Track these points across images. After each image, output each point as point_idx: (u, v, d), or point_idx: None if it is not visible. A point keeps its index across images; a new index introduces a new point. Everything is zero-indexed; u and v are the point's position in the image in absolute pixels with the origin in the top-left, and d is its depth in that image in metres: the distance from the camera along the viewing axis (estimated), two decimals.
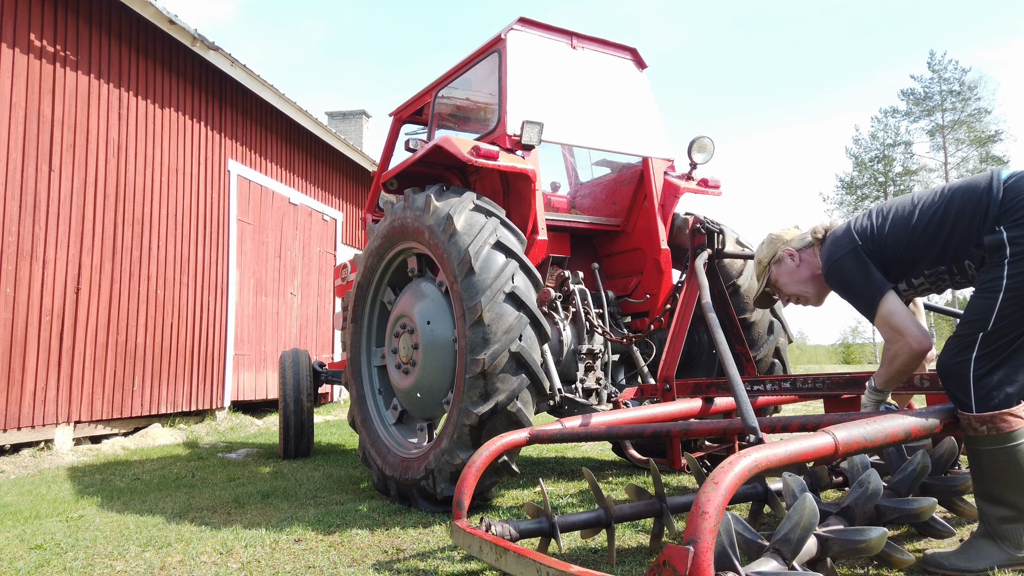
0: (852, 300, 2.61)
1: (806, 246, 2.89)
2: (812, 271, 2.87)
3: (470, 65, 4.68)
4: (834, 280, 2.66)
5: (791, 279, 2.93)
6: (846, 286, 2.60)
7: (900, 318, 2.46)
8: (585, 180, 5.51)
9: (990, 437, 2.22)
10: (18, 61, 6.52)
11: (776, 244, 2.97)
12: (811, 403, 7.48)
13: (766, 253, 3.00)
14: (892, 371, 2.54)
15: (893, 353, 2.51)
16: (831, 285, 2.72)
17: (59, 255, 6.84)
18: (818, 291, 2.90)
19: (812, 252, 2.87)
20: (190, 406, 8.63)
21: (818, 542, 2.03)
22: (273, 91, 9.99)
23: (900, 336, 2.46)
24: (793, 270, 2.91)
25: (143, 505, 4.19)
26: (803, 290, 2.92)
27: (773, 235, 3.03)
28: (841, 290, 2.65)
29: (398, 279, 4.39)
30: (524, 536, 2.50)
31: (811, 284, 2.89)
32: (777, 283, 2.98)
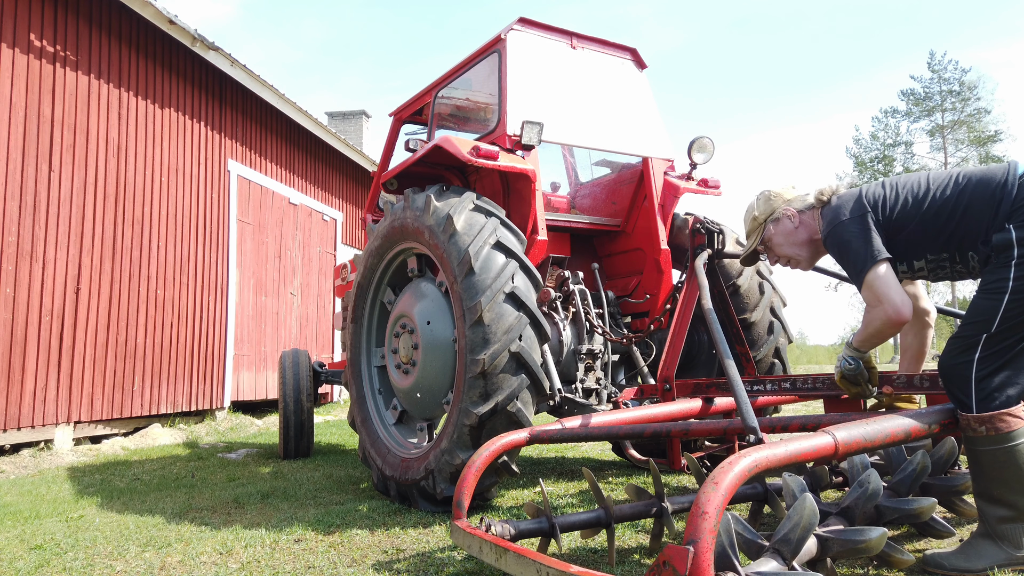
0: (846, 263, 2.56)
1: (807, 208, 2.80)
2: (809, 234, 2.80)
3: (470, 65, 4.68)
4: (834, 241, 2.59)
5: (786, 240, 2.85)
6: (844, 248, 2.54)
7: (884, 284, 2.43)
8: (585, 180, 5.51)
9: (989, 437, 2.22)
10: (18, 61, 6.52)
11: (775, 202, 2.87)
12: (811, 403, 7.47)
13: (763, 210, 2.89)
14: (867, 334, 2.56)
15: (870, 318, 2.51)
16: (829, 247, 2.66)
17: (59, 255, 6.84)
18: (811, 255, 2.85)
19: (812, 215, 2.79)
20: (190, 406, 8.63)
21: (818, 542, 2.03)
22: (273, 91, 9.99)
23: (879, 303, 2.44)
24: (790, 231, 2.83)
25: (143, 505, 4.18)
26: (797, 253, 2.85)
27: (771, 192, 2.91)
28: (838, 252, 2.60)
29: (398, 279, 4.39)
30: (524, 536, 2.50)
31: (806, 247, 2.83)
32: (771, 243, 2.90)
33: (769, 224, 2.86)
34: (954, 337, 2.39)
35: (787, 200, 2.84)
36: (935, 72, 44.40)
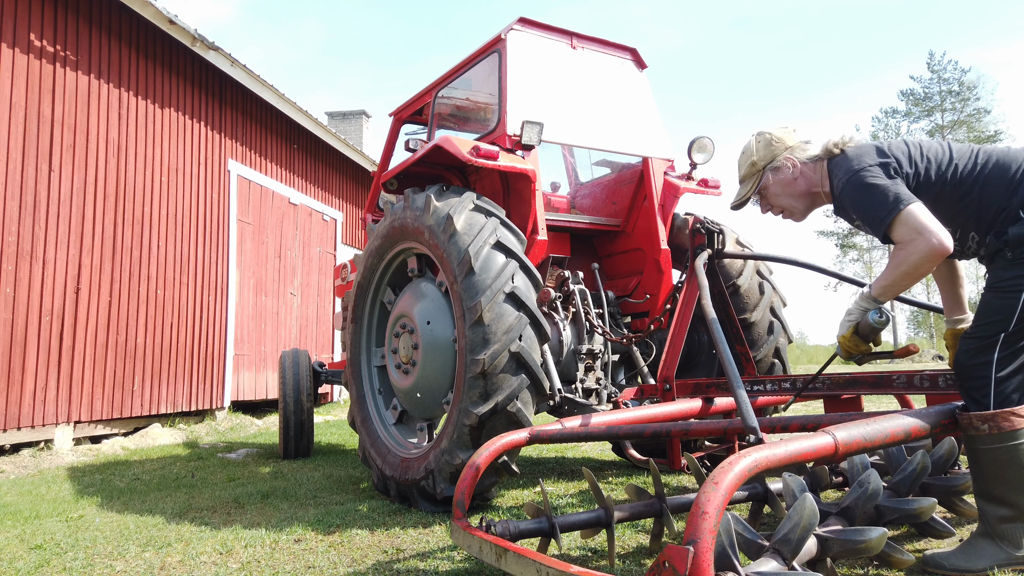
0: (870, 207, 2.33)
1: (812, 159, 2.62)
2: (809, 186, 2.64)
3: (470, 65, 4.68)
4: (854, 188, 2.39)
5: (784, 190, 2.67)
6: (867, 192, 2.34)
7: (924, 215, 2.23)
8: (585, 180, 5.51)
9: (991, 436, 2.20)
10: (18, 61, 6.52)
11: (776, 148, 2.67)
12: (811, 403, 7.48)
13: (763, 156, 2.69)
14: (897, 275, 2.30)
15: (907, 253, 2.26)
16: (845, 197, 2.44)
17: (59, 255, 6.84)
18: (807, 207, 2.70)
19: (815, 167, 2.62)
20: (190, 406, 8.63)
21: (818, 542, 2.03)
22: (273, 91, 9.99)
23: (918, 234, 2.22)
24: (789, 181, 2.65)
25: (143, 505, 4.18)
26: (792, 204, 2.69)
27: (772, 136, 2.70)
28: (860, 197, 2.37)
29: (398, 279, 4.39)
30: (524, 536, 2.50)
31: (803, 199, 2.67)
32: (766, 191, 2.72)
33: (768, 172, 2.68)
34: (969, 337, 2.33)
35: (788, 147, 2.66)
36: (935, 72, 44.43)
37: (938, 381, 2.84)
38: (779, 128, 2.72)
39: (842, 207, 2.52)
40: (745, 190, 2.77)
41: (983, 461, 2.25)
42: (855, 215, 2.45)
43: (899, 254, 2.29)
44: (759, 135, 2.74)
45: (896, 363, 34.77)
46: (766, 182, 2.70)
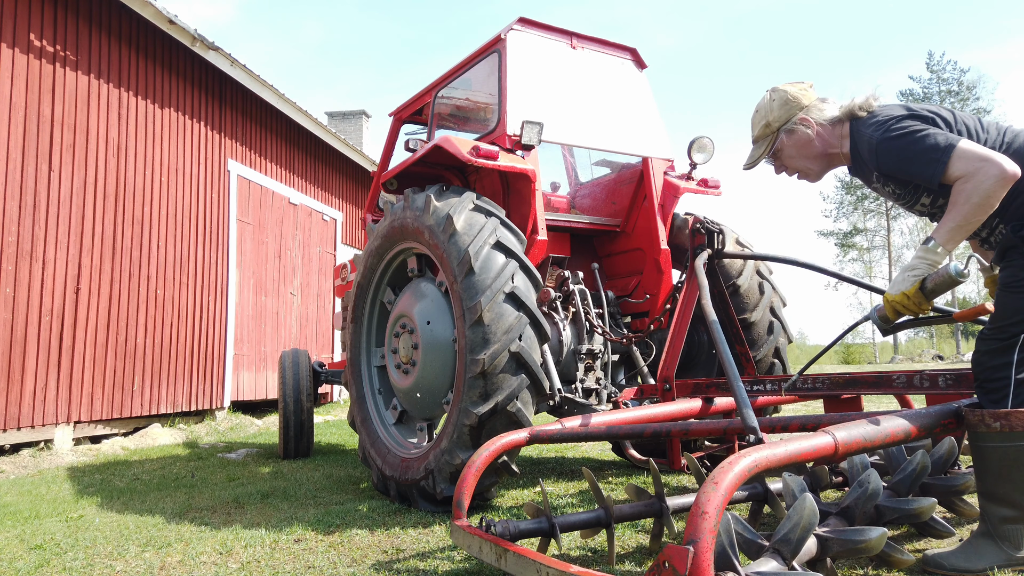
0: (919, 152, 2.22)
1: (831, 120, 2.51)
2: (825, 148, 2.53)
3: (470, 65, 4.68)
4: (894, 140, 2.28)
5: (800, 152, 2.57)
6: (913, 140, 2.24)
7: (981, 147, 2.14)
8: (585, 180, 5.51)
9: (1002, 434, 2.16)
10: (18, 61, 6.52)
11: (791, 108, 2.55)
12: (811, 403, 7.48)
13: (778, 116, 2.57)
14: (968, 209, 2.13)
15: (975, 184, 2.10)
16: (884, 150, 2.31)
17: (59, 255, 6.84)
18: (822, 168, 2.60)
19: (833, 128, 2.51)
20: (190, 406, 8.63)
21: (818, 542, 2.03)
22: (273, 91, 9.99)
23: (984, 161, 2.11)
24: (805, 143, 2.54)
25: (143, 505, 4.18)
26: (808, 166, 2.60)
27: (788, 95, 2.58)
28: (904, 146, 2.26)
29: (398, 279, 4.39)
30: (524, 536, 2.50)
31: (819, 161, 2.57)
32: (781, 153, 2.61)
33: (783, 133, 2.57)
34: (987, 337, 2.28)
35: (804, 107, 2.54)
36: (934, 73, 44.44)
37: (938, 381, 2.84)
38: (794, 85, 2.61)
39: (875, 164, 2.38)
40: (759, 152, 2.66)
41: (991, 460, 2.22)
42: (898, 167, 2.32)
43: (966, 187, 2.14)
44: (773, 92, 2.63)
45: (896, 363, 34.51)
46: (780, 144, 2.60)
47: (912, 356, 36.90)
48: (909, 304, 2.28)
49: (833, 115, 2.52)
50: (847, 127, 2.50)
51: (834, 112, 2.52)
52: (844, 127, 2.51)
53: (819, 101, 2.56)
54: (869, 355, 44.98)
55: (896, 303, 2.29)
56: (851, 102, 2.49)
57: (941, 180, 2.20)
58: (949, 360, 30.94)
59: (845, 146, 2.52)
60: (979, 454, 2.25)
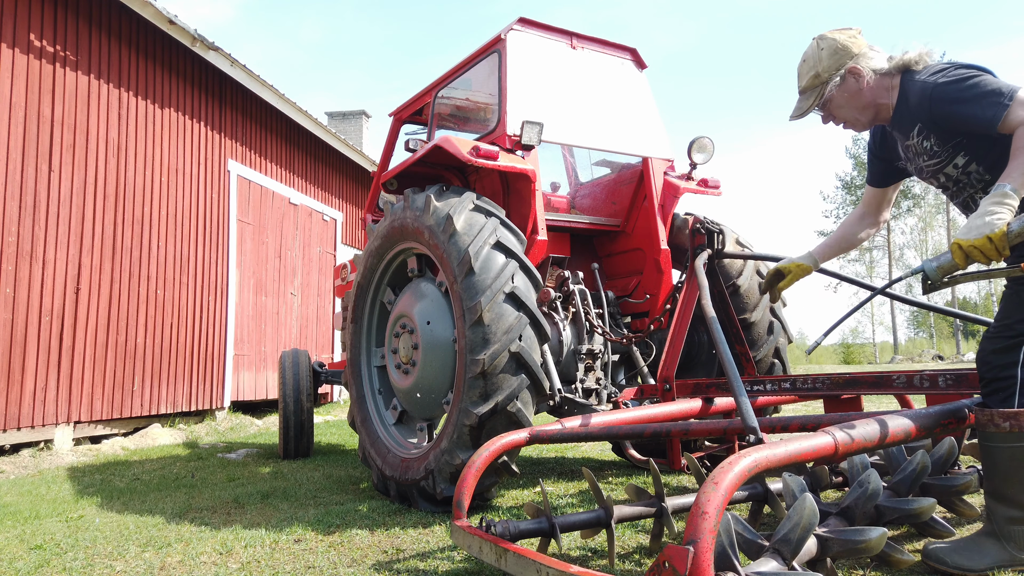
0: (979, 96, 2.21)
1: (882, 73, 2.46)
2: (875, 98, 2.48)
3: (470, 65, 4.68)
4: (952, 84, 2.26)
5: (849, 102, 2.52)
6: (973, 86, 2.22)
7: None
8: (585, 180, 5.51)
9: (1012, 434, 2.15)
10: (18, 61, 6.52)
11: (842, 57, 2.48)
12: (811, 403, 7.48)
13: (827, 66, 2.49)
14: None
15: None
16: (941, 95, 2.29)
17: (59, 255, 6.84)
18: (870, 120, 2.56)
19: (882, 80, 2.46)
20: (190, 406, 8.63)
21: (818, 542, 2.03)
22: (273, 91, 10.00)
23: None
24: (855, 93, 2.49)
25: (143, 505, 4.18)
26: (857, 116, 2.55)
27: (837, 42, 2.50)
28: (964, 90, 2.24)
29: (398, 279, 4.39)
30: (524, 536, 2.50)
31: (868, 111, 2.52)
32: (830, 103, 2.55)
33: (832, 83, 2.50)
34: (992, 336, 2.27)
35: (855, 55, 2.47)
36: None
37: (938, 381, 2.84)
38: (843, 32, 2.54)
39: (927, 110, 2.34)
40: (807, 103, 2.58)
41: (999, 460, 2.20)
42: (955, 111, 2.27)
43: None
44: (821, 40, 2.55)
45: (896, 363, 34.44)
46: (830, 94, 2.52)
47: (912, 356, 36.90)
48: (990, 249, 2.09)
49: (882, 65, 2.47)
50: (897, 79, 2.46)
51: (882, 63, 2.47)
52: (894, 79, 2.46)
53: (869, 49, 2.50)
54: (869, 355, 44.98)
55: (975, 248, 2.09)
56: (904, 55, 2.44)
57: (1000, 125, 2.15)
58: (949, 360, 30.94)
59: (893, 97, 2.47)
60: (988, 454, 2.23)
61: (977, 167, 2.36)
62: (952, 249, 2.16)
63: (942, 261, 2.20)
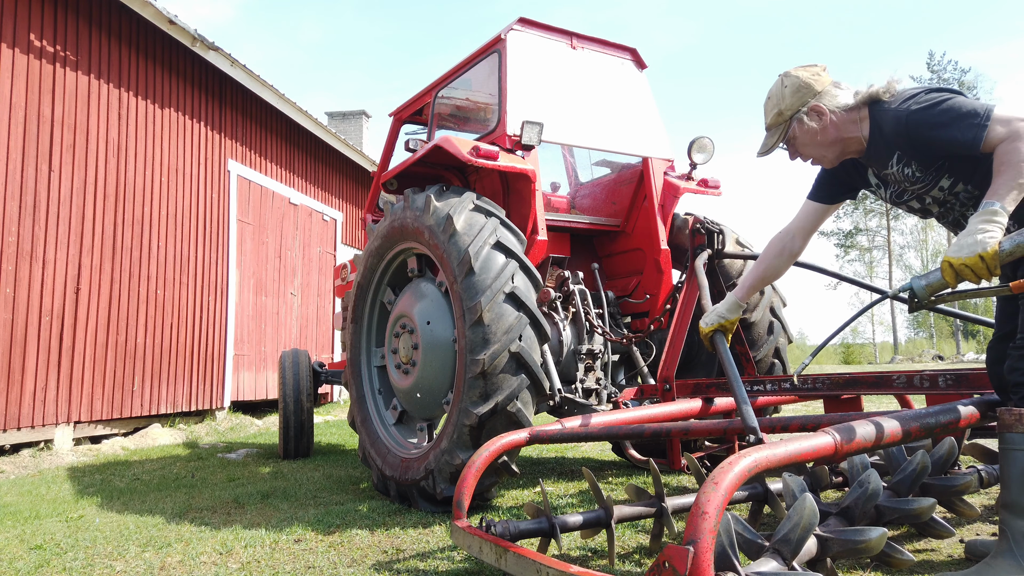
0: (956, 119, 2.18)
1: (847, 108, 2.43)
2: (840, 134, 2.45)
3: (470, 65, 4.68)
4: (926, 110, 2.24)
5: (813, 140, 2.49)
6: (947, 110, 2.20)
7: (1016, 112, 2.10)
8: (585, 180, 5.52)
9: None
10: (18, 61, 6.51)
11: (804, 95, 2.46)
12: (811, 403, 7.48)
13: (791, 104, 2.48)
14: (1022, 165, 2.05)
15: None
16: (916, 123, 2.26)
17: (59, 255, 6.84)
18: (837, 155, 2.53)
19: (848, 115, 2.43)
20: (190, 406, 8.63)
21: (818, 542, 2.03)
22: (273, 91, 9.99)
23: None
24: (819, 131, 2.46)
25: (143, 505, 4.18)
26: (823, 153, 2.52)
27: (800, 80, 2.48)
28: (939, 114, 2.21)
29: (398, 279, 4.39)
30: (524, 536, 2.50)
31: (834, 147, 2.49)
32: (795, 141, 2.53)
33: (795, 121, 2.48)
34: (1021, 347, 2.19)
35: (817, 93, 2.46)
36: (934, 72, 44.46)
37: (938, 381, 2.84)
38: (806, 70, 2.52)
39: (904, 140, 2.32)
40: (772, 140, 2.58)
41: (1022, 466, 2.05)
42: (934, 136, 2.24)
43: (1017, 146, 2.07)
44: (785, 78, 2.54)
45: (896, 363, 34.37)
46: (793, 132, 2.51)
47: (912, 356, 36.90)
48: (981, 268, 2.05)
49: (847, 101, 2.44)
50: (865, 111, 2.44)
51: (848, 98, 2.45)
52: (862, 112, 2.44)
53: (832, 86, 2.48)
54: (869, 355, 44.97)
55: (970, 265, 2.05)
56: (870, 88, 2.42)
57: (982, 145, 2.13)
58: (949, 360, 30.93)
59: (864, 129, 2.44)
60: (1009, 460, 2.07)
61: (965, 186, 2.33)
62: (942, 267, 2.12)
63: (931, 280, 2.15)
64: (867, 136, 2.44)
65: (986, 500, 3.38)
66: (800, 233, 2.81)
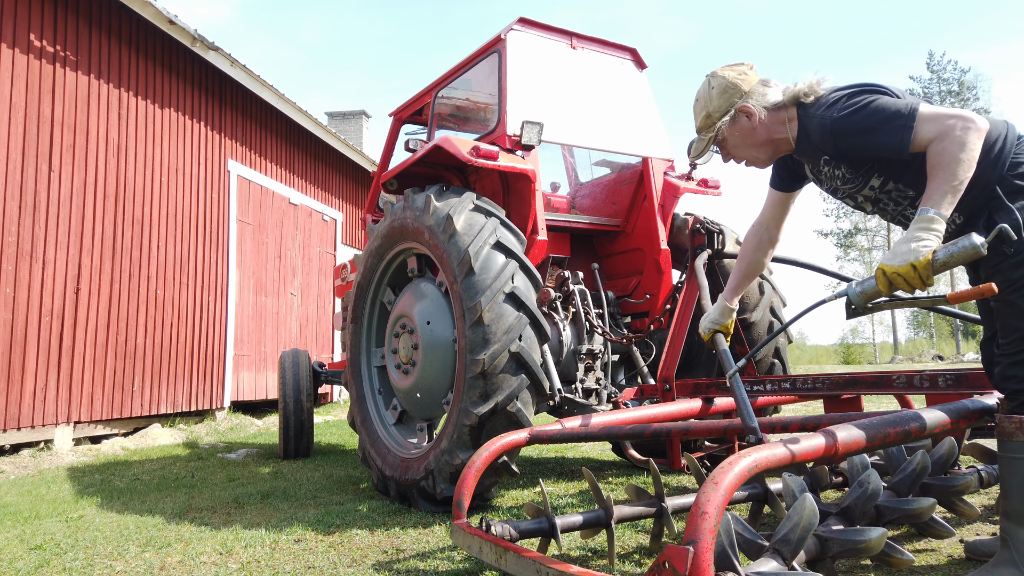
0: (883, 121, 2.12)
1: (775, 106, 2.39)
2: (770, 134, 2.42)
3: (470, 65, 4.68)
4: (852, 113, 2.17)
5: (743, 141, 2.46)
6: (873, 110, 2.13)
7: (943, 108, 2.06)
8: (585, 180, 5.52)
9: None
10: (18, 61, 6.51)
11: (732, 96, 2.42)
12: (811, 403, 7.48)
13: (717, 106, 2.44)
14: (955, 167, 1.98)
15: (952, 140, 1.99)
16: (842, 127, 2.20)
17: (59, 255, 6.84)
18: (769, 156, 2.50)
19: (778, 114, 2.39)
20: (190, 406, 8.63)
21: (818, 542, 2.03)
22: (273, 91, 9.99)
23: (952, 118, 2.01)
24: (748, 132, 2.43)
25: (143, 505, 4.18)
26: (755, 154, 2.49)
27: (726, 82, 2.44)
28: (865, 117, 2.15)
29: (398, 279, 4.39)
30: (524, 536, 2.50)
31: (765, 148, 2.46)
32: (725, 143, 2.50)
33: (723, 123, 2.45)
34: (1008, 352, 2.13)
35: (744, 93, 2.42)
36: (934, 72, 44.49)
37: (938, 381, 2.84)
38: (732, 69, 2.48)
39: (831, 145, 2.27)
40: (703, 143, 2.54)
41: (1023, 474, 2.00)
42: (861, 142, 2.19)
43: (947, 146, 2.00)
44: (712, 79, 2.49)
45: (896, 363, 34.28)
46: (723, 134, 2.48)
47: (912, 356, 36.90)
48: (914, 277, 1.99)
49: (776, 99, 2.39)
50: (793, 111, 2.38)
51: (777, 96, 2.40)
52: (790, 111, 2.38)
53: (760, 85, 2.43)
54: (869, 355, 44.97)
55: (898, 275, 2.00)
56: (795, 87, 2.37)
57: (910, 147, 2.08)
58: (949, 360, 30.94)
59: (792, 130, 2.39)
60: (1010, 468, 2.02)
61: (896, 184, 2.28)
62: (876, 275, 2.07)
63: (866, 287, 2.11)
64: (794, 137, 2.41)
65: (986, 500, 3.38)
66: (771, 222, 2.78)
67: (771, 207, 2.78)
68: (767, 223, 2.81)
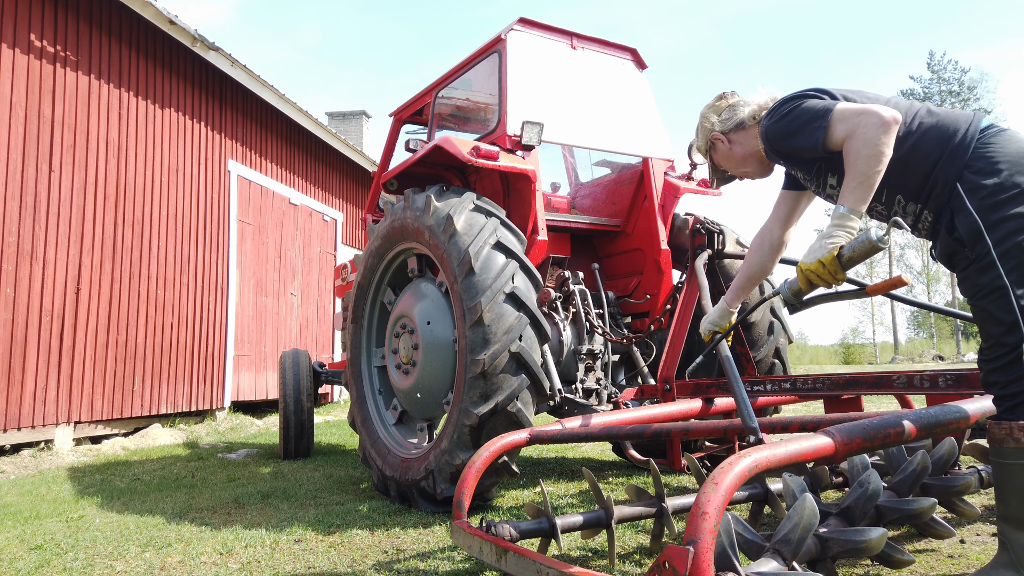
0: (800, 124, 2.24)
1: (734, 128, 2.65)
2: (745, 151, 2.66)
3: (470, 65, 4.68)
4: (777, 121, 2.33)
5: (729, 162, 2.73)
6: (793, 114, 2.27)
7: (855, 105, 2.15)
8: (585, 180, 5.52)
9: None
10: (18, 61, 6.52)
11: (707, 130, 2.74)
12: (811, 403, 7.48)
13: (701, 142, 2.79)
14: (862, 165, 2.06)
15: (860, 137, 2.07)
16: (773, 133, 2.35)
17: (59, 255, 6.84)
18: (756, 169, 2.70)
19: (747, 132, 2.63)
20: (190, 406, 8.63)
21: (818, 542, 2.03)
22: (273, 91, 10.00)
23: (861, 114, 2.09)
24: (727, 154, 2.71)
25: (143, 505, 4.18)
26: (744, 170, 2.73)
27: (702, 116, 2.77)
28: (788, 122, 2.29)
29: (398, 279, 4.39)
30: (524, 536, 2.50)
31: (748, 163, 2.69)
32: (719, 167, 2.79)
33: (711, 153, 2.77)
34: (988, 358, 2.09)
35: (712, 123, 2.71)
36: (935, 73, 44.48)
37: (938, 381, 2.84)
38: (709, 105, 2.77)
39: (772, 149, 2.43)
40: (710, 174, 2.85)
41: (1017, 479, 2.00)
42: (788, 146, 2.32)
43: (853, 144, 2.10)
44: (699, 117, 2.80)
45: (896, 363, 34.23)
46: (715, 161, 2.78)
47: (912, 356, 36.91)
48: (824, 273, 2.13)
49: (740, 118, 2.64)
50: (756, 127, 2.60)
51: (743, 115, 2.64)
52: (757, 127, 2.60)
53: (728, 110, 2.68)
54: (869, 355, 44.97)
55: (811, 272, 2.15)
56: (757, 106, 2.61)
57: (825, 146, 2.18)
58: (949, 360, 30.94)
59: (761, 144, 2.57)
60: (1004, 473, 2.03)
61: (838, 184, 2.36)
62: (796, 272, 2.22)
63: (791, 284, 2.24)
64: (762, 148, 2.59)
65: (986, 500, 3.38)
66: (778, 224, 2.82)
67: (779, 208, 2.84)
68: (773, 225, 2.84)
